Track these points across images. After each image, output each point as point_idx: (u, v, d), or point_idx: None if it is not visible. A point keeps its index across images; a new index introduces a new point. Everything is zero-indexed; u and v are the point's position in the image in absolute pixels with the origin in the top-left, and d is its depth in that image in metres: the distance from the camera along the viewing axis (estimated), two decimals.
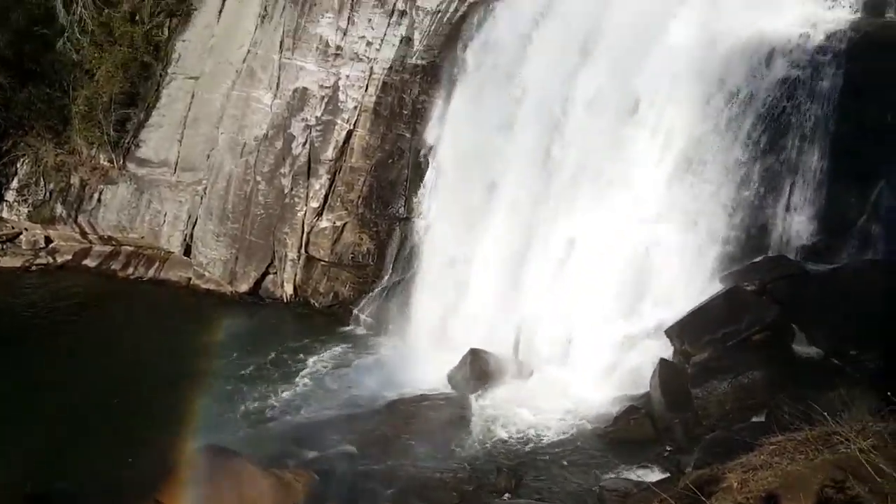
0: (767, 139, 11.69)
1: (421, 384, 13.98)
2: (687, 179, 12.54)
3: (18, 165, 22.31)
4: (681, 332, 11.36)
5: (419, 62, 17.59)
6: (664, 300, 12.52)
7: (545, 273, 13.84)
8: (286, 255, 18.88)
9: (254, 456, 10.64)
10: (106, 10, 22.71)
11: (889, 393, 5.83)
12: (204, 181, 20.65)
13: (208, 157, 20.73)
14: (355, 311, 17.31)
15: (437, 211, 16.26)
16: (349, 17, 18.73)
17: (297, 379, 14.88)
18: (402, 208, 17.27)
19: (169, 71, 22.03)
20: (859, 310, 9.63)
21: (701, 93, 12.16)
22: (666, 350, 11.72)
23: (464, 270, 15.05)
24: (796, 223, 11.50)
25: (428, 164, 16.71)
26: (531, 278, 14.00)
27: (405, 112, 17.66)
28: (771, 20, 12.00)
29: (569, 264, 13.51)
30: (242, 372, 15.15)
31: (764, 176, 11.74)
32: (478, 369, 13.54)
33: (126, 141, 21.85)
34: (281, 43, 19.78)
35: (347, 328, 17.18)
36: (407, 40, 17.85)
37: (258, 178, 19.52)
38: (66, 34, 22.75)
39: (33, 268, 21.01)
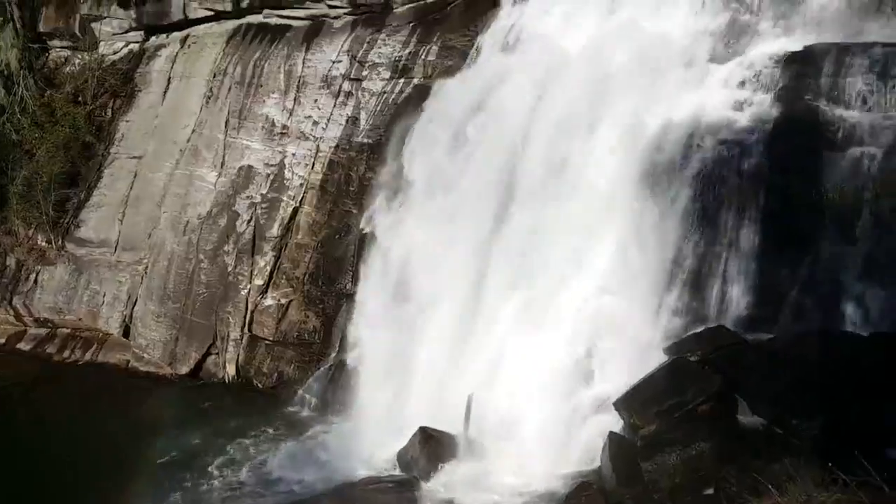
0: (703, 214, 12.11)
1: (369, 466, 13.58)
2: (628, 252, 12.83)
3: None
4: (628, 404, 11.34)
5: (365, 140, 17.88)
6: (612, 373, 12.58)
7: (491, 348, 13.80)
8: (228, 335, 18.47)
9: None
10: (48, 92, 22.62)
11: (831, 464, 5.91)
12: (145, 261, 20.27)
13: (150, 236, 20.44)
14: (300, 392, 16.89)
15: (378, 287, 16.15)
16: (295, 98, 19.04)
17: (237, 464, 14.32)
18: (350, 284, 17.18)
19: (111, 151, 21.89)
20: (797, 379, 9.81)
21: (637, 172, 12.60)
22: (616, 423, 11.70)
23: (409, 348, 14.90)
24: (734, 295, 11.80)
25: (373, 239, 16.75)
26: (477, 353, 13.93)
27: (352, 188, 17.82)
28: (701, 103, 12.65)
29: (514, 338, 13.52)
30: (178, 458, 14.54)
31: (702, 249, 12.09)
32: (427, 449, 13.22)
33: (65, 221, 21.43)
34: (226, 122, 19.92)
35: (292, 409, 16.69)
36: (353, 120, 18.18)
37: (201, 257, 19.25)
38: (5, 115, 22.48)
39: None
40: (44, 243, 21.44)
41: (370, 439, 14.35)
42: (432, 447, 13.27)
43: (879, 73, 11.54)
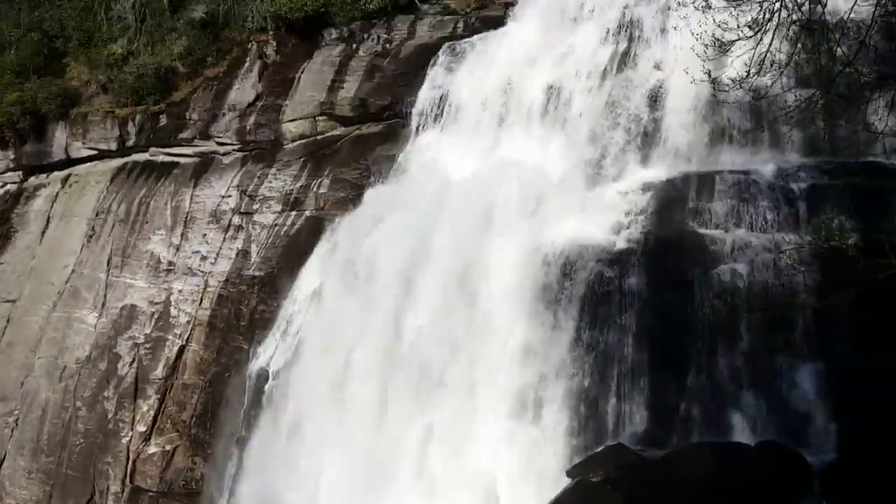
0: (593, 334, 12.45)
1: None
2: (526, 373, 12.95)
3: None
4: None
5: (257, 273, 17.61)
6: (516, 500, 12.34)
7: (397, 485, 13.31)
8: (108, 489, 17.06)
9: None
10: None
11: None
12: (16, 412, 18.81)
13: (22, 384, 19.04)
14: None
15: (271, 430, 15.44)
16: (182, 234, 18.73)
17: None
18: (241, 426, 16.33)
19: None
20: (691, 496, 9.95)
21: (530, 297, 12.94)
22: None
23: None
24: (628, 412, 12.01)
25: (267, 378, 16.17)
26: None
27: (242, 323, 17.32)
28: (582, 229, 13.31)
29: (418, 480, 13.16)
30: None
31: (595, 368, 12.34)
32: None
33: None
34: (109, 261, 19.29)
35: None
36: (244, 253, 17.96)
37: (78, 404, 17.98)
38: None
39: None
40: None
41: None
42: None
43: (739, 197, 12.60)
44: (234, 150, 19.19)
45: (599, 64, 14.72)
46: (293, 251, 17.28)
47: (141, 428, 17.24)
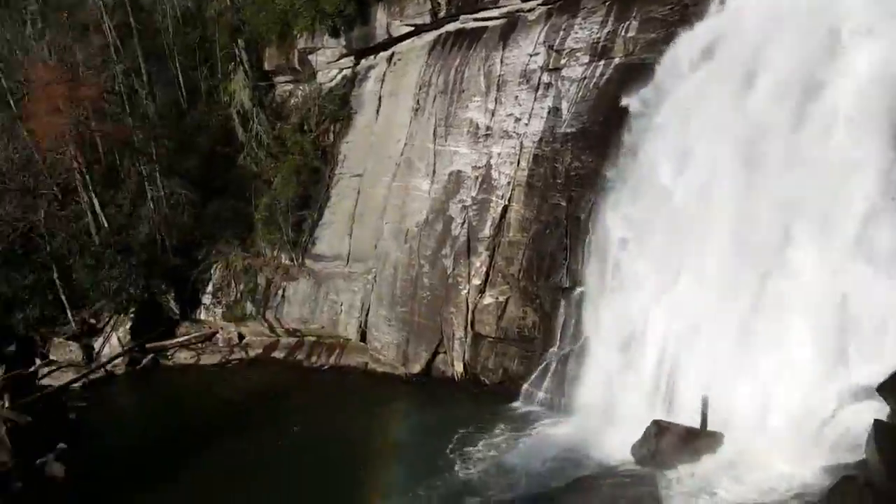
0: None
1: (602, 460, 13.28)
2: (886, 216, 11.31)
3: (212, 271, 24.59)
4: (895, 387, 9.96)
5: (569, 130, 17.54)
6: (871, 353, 11.13)
7: (730, 332, 12.80)
8: (454, 334, 19.06)
9: None
10: (279, 124, 25.04)
11: None
12: (373, 270, 21.60)
13: (375, 246, 21.76)
14: (525, 387, 16.98)
15: (600, 280, 15.73)
16: (496, 98, 19.22)
17: (475, 459, 14.68)
18: (565, 278, 16.93)
19: (336, 172, 23.70)
20: None
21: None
22: (880, 410, 10.32)
23: (639, 339, 14.32)
24: None
25: (588, 231, 16.35)
26: (715, 339, 12.99)
27: (558, 181, 17.56)
28: None
29: (757, 319, 12.44)
30: (420, 453, 15.21)
31: None
32: (663, 442, 12.62)
33: (303, 240, 23.53)
34: (434, 132, 20.63)
35: (519, 404, 16.88)
36: (555, 111, 17.92)
37: (422, 262, 20.09)
38: (245, 150, 25.22)
39: (230, 363, 22.71)
40: (287, 261, 23.70)
41: (600, 432, 14.02)
42: (668, 441, 12.63)
43: None
44: (537, 5, 18.86)
45: None
46: (604, 103, 16.78)
47: (476, 281, 18.81)
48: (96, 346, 23.19)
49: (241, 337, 23.79)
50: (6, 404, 18.73)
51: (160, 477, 15.47)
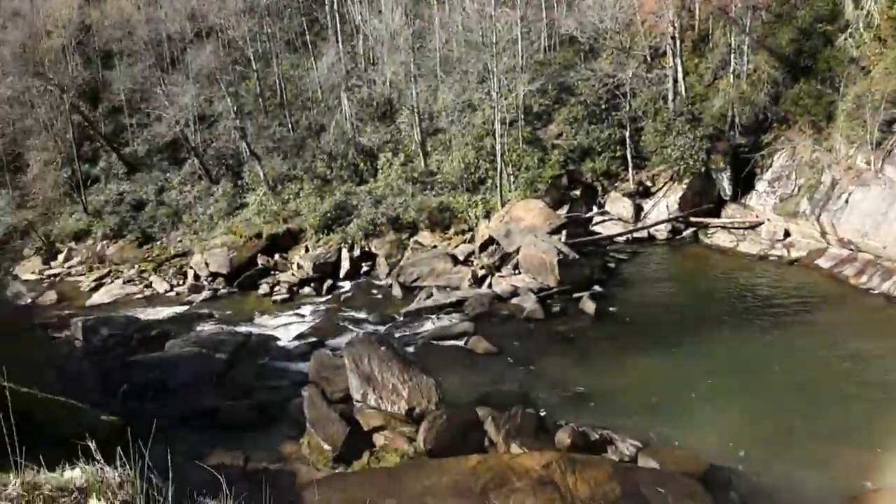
0: None
1: None
2: None
3: (774, 158, 23.26)
4: None
5: None
6: None
7: None
8: None
9: None
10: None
11: None
12: None
13: None
14: None
15: None
16: None
17: None
18: None
19: None
20: None
21: None
22: None
23: None
24: None
25: None
26: None
27: None
28: None
29: None
30: None
31: None
32: None
33: (891, 143, 20.21)
34: None
35: None
36: None
37: None
38: (848, 30, 22.26)
39: (767, 258, 21.74)
40: (862, 164, 20.85)
41: None
42: None
43: None
44: None
45: None
46: None
47: None
48: (646, 207, 24.68)
49: (786, 234, 22.37)
50: (562, 238, 21.68)
51: (672, 341, 16.31)
